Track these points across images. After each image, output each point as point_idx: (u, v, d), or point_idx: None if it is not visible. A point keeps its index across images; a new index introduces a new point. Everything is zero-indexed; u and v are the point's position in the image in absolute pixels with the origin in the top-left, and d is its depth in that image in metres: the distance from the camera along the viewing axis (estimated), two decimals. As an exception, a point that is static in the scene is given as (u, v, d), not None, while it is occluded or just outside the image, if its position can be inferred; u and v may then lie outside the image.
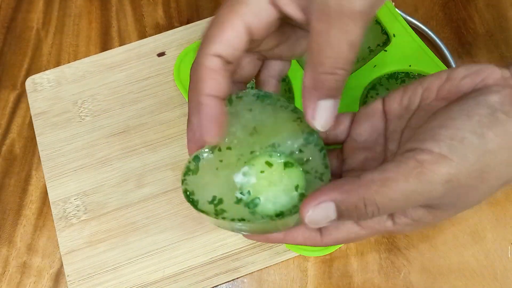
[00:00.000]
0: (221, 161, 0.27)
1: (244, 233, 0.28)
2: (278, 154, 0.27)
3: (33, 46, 0.49)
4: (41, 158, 0.42)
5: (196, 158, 0.27)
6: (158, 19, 0.49)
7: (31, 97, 0.45)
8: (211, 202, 0.26)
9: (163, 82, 0.45)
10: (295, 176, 0.27)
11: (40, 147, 0.43)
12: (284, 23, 0.26)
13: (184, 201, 0.40)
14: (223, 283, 0.38)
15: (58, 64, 0.47)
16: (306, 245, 0.28)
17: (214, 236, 0.39)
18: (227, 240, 0.39)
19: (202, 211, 0.26)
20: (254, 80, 0.30)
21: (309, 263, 0.38)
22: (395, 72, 0.39)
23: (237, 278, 0.38)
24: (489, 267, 0.37)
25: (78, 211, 0.41)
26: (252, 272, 0.38)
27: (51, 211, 0.41)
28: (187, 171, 0.27)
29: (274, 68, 0.29)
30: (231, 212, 0.26)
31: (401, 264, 0.38)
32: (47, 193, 0.41)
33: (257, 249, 0.38)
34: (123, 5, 0.50)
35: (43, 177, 0.42)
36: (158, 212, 0.40)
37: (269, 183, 0.26)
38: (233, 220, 0.25)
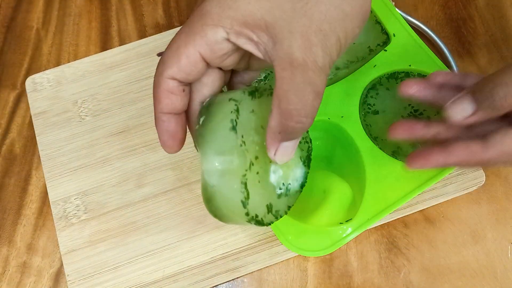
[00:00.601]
0: (258, 173, 0.27)
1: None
2: None
3: (33, 45, 0.49)
4: (41, 158, 0.42)
5: (244, 184, 0.26)
6: (158, 18, 0.49)
7: (31, 96, 0.45)
8: (268, 212, 0.27)
9: (163, 81, 0.45)
10: (297, 150, 0.28)
11: (40, 147, 0.43)
12: None
13: (184, 200, 0.40)
14: (223, 283, 0.38)
15: (58, 63, 0.47)
16: (469, 164, 0.30)
17: (214, 235, 0.39)
18: (227, 240, 0.39)
19: (269, 224, 0.27)
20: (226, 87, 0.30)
21: (309, 263, 0.38)
22: (395, 72, 0.39)
23: (237, 277, 0.38)
24: (489, 267, 0.38)
25: (78, 210, 0.41)
26: (252, 272, 0.38)
27: (51, 210, 0.41)
28: (246, 200, 0.26)
29: (244, 76, 0.30)
30: (278, 208, 0.27)
31: (401, 263, 0.38)
32: (47, 193, 0.41)
33: (257, 249, 0.38)
34: (123, 4, 0.50)
35: (43, 177, 0.42)
36: (158, 211, 0.40)
37: (287, 167, 0.28)
38: (280, 212, 0.27)
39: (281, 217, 0.28)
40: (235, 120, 0.26)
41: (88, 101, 0.44)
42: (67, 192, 0.41)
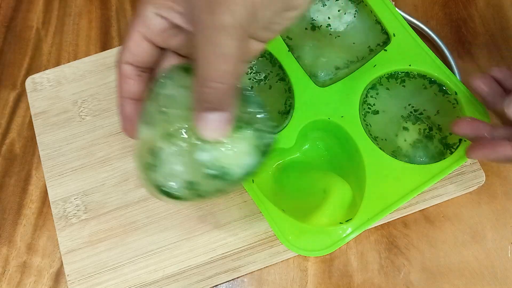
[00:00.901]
0: (177, 145, 0.26)
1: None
2: None
3: (33, 45, 0.49)
4: (41, 158, 0.42)
5: (153, 152, 0.26)
6: (158, 18, 0.49)
7: (31, 96, 0.45)
8: (186, 187, 0.27)
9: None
10: (249, 137, 0.27)
11: (40, 147, 0.43)
12: None
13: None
14: (223, 283, 0.38)
15: (58, 63, 0.47)
16: None
17: (214, 235, 0.39)
18: (227, 240, 0.39)
19: (180, 198, 0.27)
20: None
21: (309, 263, 0.38)
22: (395, 72, 0.39)
23: (237, 277, 0.38)
24: (489, 267, 0.38)
25: (78, 210, 0.41)
26: (252, 272, 0.38)
27: (51, 210, 0.41)
28: (149, 167, 0.26)
29: None
30: (206, 188, 0.27)
31: (401, 263, 0.38)
32: (47, 193, 0.41)
33: (257, 249, 0.38)
34: (123, 4, 0.50)
35: (43, 177, 0.42)
36: (158, 211, 0.40)
37: (231, 150, 0.27)
38: (208, 193, 0.27)
39: (203, 198, 0.27)
40: (161, 93, 0.27)
41: (88, 101, 0.44)
42: (67, 192, 0.41)
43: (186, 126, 0.26)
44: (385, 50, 0.39)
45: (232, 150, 0.27)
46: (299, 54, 0.39)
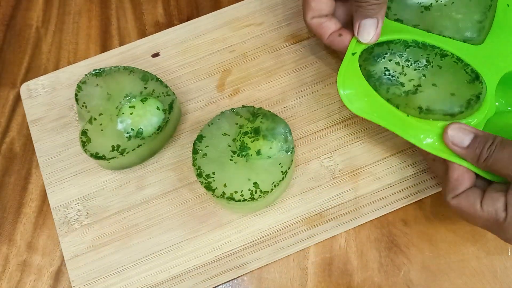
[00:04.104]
0: (101, 124, 0.39)
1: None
2: (134, 99, 0.40)
3: (33, 44, 0.49)
4: (39, 164, 0.42)
5: (83, 133, 0.39)
6: (158, 17, 0.49)
7: (26, 103, 0.45)
8: (113, 150, 0.39)
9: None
10: (153, 103, 0.40)
11: (38, 153, 0.43)
12: None
13: (186, 200, 0.41)
14: (229, 280, 0.38)
15: (57, 62, 0.47)
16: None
17: (217, 234, 0.39)
18: (231, 238, 0.39)
19: (111, 158, 0.38)
20: None
21: (309, 261, 0.38)
22: None
23: (242, 275, 0.38)
24: (489, 265, 0.38)
25: (80, 215, 0.40)
26: (252, 271, 0.38)
27: (50, 209, 0.41)
28: (84, 143, 0.39)
29: None
30: (129, 147, 0.39)
31: (401, 262, 0.38)
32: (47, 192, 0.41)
33: (261, 245, 0.38)
34: (122, 3, 0.50)
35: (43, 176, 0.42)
36: (161, 213, 0.40)
37: (140, 116, 0.39)
38: (133, 150, 0.39)
39: (127, 153, 0.38)
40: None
41: (85, 104, 0.44)
42: (68, 197, 0.41)
43: (102, 112, 0.40)
44: None
45: (142, 115, 0.39)
46: (437, 32, 0.39)
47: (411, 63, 0.37)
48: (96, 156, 0.38)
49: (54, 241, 0.40)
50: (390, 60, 0.37)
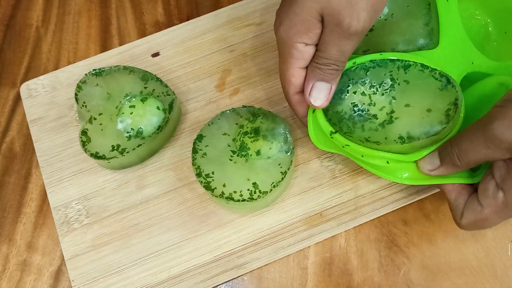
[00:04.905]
0: (101, 124, 0.40)
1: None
2: (133, 98, 0.40)
3: (33, 43, 0.49)
4: (39, 164, 0.42)
5: (83, 133, 0.39)
6: (158, 16, 0.49)
7: (26, 103, 0.45)
8: (113, 149, 0.39)
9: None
10: (153, 103, 0.40)
11: (38, 153, 0.43)
12: None
13: (186, 200, 0.41)
14: (229, 280, 0.38)
15: (57, 61, 0.47)
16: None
17: (217, 234, 0.39)
18: (231, 237, 0.39)
19: (111, 158, 0.38)
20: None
21: (309, 261, 0.38)
22: None
23: (242, 275, 0.38)
24: (489, 265, 0.38)
25: (80, 215, 0.40)
26: (252, 270, 0.38)
27: (51, 209, 0.41)
28: (84, 142, 0.39)
29: None
30: (129, 147, 0.39)
31: (401, 262, 0.38)
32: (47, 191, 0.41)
33: (261, 245, 0.38)
34: (122, 2, 0.50)
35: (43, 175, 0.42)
36: (161, 212, 0.40)
37: (140, 116, 0.40)
38: (133, 150, 0.39)
39: (127, 153, 0.39)
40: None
41: (85, 103, 0.44)
42: (68, 197, 0.41)
43: (102, 112, 0.40)
44: None
45: (142, 115, 0.40)
46: (389, 50, 0.37)
47: (377, 88, 0.35)
48: (96, 156, 0.38)
49: (54, 241, 0.40)
50: (354, 93, 0.35)
